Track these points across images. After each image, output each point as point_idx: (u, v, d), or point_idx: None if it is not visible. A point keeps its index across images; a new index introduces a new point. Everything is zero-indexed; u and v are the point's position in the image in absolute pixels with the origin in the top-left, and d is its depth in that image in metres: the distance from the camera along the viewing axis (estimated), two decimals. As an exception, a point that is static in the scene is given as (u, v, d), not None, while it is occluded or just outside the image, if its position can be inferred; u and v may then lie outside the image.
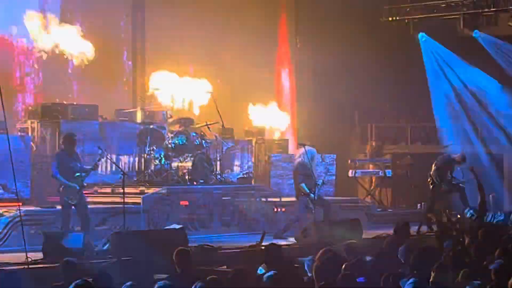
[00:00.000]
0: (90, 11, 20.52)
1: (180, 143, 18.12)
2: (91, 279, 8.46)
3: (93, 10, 20.60)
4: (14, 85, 19.68)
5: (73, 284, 7.33)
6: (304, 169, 17.04)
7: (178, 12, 21.48)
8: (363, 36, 22.27)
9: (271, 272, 8.87)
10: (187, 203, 17.26)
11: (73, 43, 18.74)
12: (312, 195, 16.83)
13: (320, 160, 19.94)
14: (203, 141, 18.46)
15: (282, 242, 15.07)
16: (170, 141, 18.10)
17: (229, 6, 22.50)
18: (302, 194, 16.93)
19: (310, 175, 17.04)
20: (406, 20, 23.53)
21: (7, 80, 18.61)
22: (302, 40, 24.01)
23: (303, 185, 16.85)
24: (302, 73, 23.87)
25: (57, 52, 18.74)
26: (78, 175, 14.59)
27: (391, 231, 16.86)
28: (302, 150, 17.21)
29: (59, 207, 14.93)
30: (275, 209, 18.53)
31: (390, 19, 23.43)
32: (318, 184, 17.13)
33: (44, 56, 19.06)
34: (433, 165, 18.14)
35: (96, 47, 18.77)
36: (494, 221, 17.38)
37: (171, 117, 19.68)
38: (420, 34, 23.56)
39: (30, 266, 11.79)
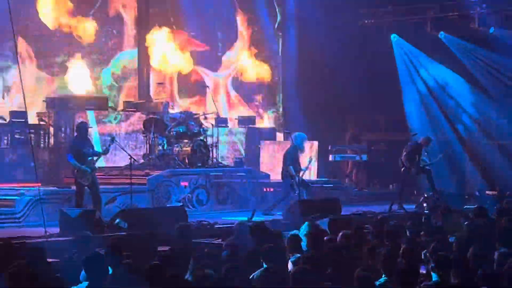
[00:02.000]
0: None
1: (181, 131, 18.18)
2: (103, 251, 8.50)
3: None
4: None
5: (85, 257, 7.37)
6: (293, 154, 17.08)
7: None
8: (343, 37, 22.27)
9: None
10: (186, 184, 17.30)
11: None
12: (297, 177, 16.86)
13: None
14: (201, 129, 18.51)
15: (270, 218, 15.13)
16: (172, 129, 18.13)
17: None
18: (289, 175, 16.96)
19: (298, 160, 17.10)
20: (380, 23, 23.56)
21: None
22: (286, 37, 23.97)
23: (291, 167, 16.88)
24: (288, 70, 23.84)
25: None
26: (90, 159, 14.61)
27: (366, 209, 17.09)
28: (293, 135, 17.28)
29: (74, 187, 14.96)
30: (264, 189, 18.58)
31: (366, 21, 23.45)
32: (303, 170, 17.19)
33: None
34: (403, 151, 18.23)
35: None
36: None
37: (172, 108, 19.73)
38: (392, 35, 23.61)
39: (48, 239, 11.84)
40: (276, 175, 18.73)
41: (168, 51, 20.83)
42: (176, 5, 21.44)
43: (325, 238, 10.28)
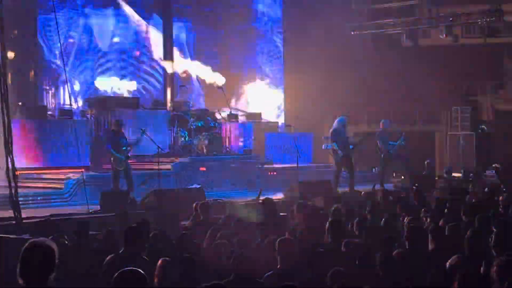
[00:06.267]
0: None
1: (199, 125, 18.19)
2: (135, 225, 8.46)
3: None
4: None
5: (127, 228, 7.35)
6: (337, 133, 16.79)
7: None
8: (333, 46, 22.22)
9: None
10: (204, 169, 17.30)
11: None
12: (340, 151, 16.59)
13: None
14: (216, 123, 18.51)
15: (274, 197, 15.06)
16: (192, 124, 18.13)
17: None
18: (334, 151, 16.74)
19: (342, 137, 16.76)
20: (364, 33, 23.52)
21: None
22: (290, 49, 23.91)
23: (334, 144, 16.65)
24: (290, 78, 23.79)
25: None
26: (124, 149, 14.61)
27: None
28: (337, 118, 16.94)
29: (111, 172, 14.95)
30: (269, 173, 18.56)
31: (352, 32, 23.39)
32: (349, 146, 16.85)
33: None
34: (376, 141, 18.08)
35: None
36: None
37: (193, 106, 19.71)
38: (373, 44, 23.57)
39: (90, 216, 11.86)
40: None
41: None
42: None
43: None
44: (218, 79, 21.12)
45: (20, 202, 10.73)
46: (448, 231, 7.94)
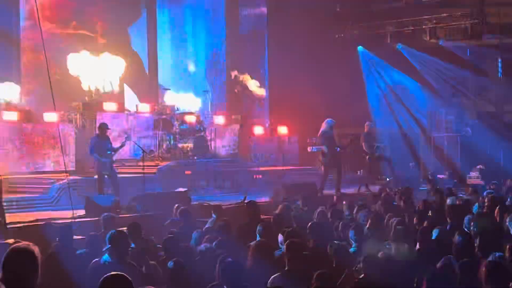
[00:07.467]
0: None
1: (184, 128, 18.13)
2: (125, 228, 8.39)
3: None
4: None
5: (109, 233, 7.28)
6: (325, 136, 16.74)
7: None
8: (319, 49, 22.26)
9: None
10: (190, 172, 17.25)
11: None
12: (328, 154, 16.50)
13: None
14: (201, 127, 18.48)
15: (261, 200, 15.03)
16: (177, 127, 18.08)
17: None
18: (323, 153, 16.67)
19: (330, 140, 16.72)
20: (348, 36, 23.57)
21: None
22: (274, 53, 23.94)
23: (325, 146, 16.60)
24: (275, 82, 23.79)
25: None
26: (109, 153, 14.53)
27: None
28: (325, 121, 16.88)
29: (96, 176, 14.87)
30: (254, 176, 18.54)
31: (337, 36, 23.43)
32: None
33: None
34: (361, 143, 18.03)
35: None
36: None
37: (177, 109, 19.66)
38: (359, 47, 23.61)
39: (75, 220, 11.77)
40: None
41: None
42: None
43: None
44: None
45: (5, 207, 10.63)
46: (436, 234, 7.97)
